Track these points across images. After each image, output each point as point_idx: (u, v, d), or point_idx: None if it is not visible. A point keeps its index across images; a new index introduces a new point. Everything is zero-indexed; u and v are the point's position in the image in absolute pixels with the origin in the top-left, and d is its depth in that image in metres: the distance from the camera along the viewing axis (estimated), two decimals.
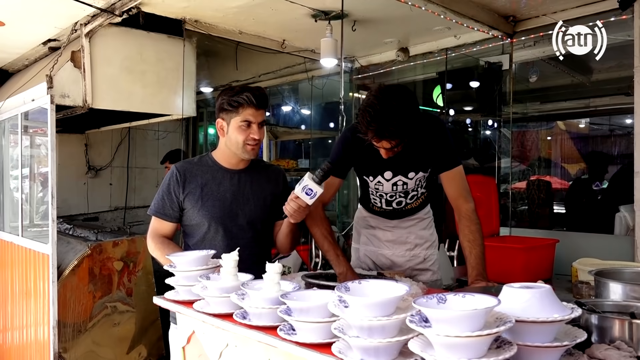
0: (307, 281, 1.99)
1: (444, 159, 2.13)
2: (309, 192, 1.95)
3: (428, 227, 2.45)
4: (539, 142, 6.81)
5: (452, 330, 1.03)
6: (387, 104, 1.83)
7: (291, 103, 6.34)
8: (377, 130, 1.84)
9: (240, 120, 2.09)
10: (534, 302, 1.17)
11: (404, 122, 1.83)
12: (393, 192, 2.24)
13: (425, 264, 2.41)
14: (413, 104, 1.91)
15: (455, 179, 2.13)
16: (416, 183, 2.22)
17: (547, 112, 5.97)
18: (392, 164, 2.13)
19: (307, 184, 1.94)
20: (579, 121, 6.90)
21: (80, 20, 3.54)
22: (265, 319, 1.47)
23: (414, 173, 2.18)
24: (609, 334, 1.22)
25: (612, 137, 7.35)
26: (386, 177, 2.18)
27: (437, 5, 3.21)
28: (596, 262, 2.87)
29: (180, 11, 3.64)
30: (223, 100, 2.13)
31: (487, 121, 5.35)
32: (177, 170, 2.20)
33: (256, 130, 2.11)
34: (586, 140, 7.21)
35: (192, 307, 1.69)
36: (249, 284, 1.57)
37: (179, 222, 2.24)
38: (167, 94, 3.92)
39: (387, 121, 1.81)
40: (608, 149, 7.48)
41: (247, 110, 2.08)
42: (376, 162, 2.13)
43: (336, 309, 1.24)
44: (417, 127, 1.90)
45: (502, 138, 4.68)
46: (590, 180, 5.90)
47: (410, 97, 1.92)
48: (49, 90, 3.32)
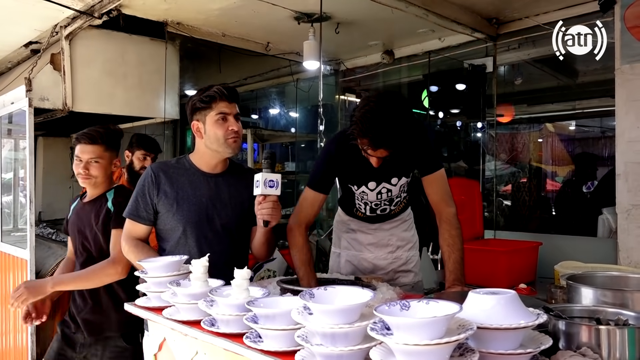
0: (282, 286, 1.96)
1: (425, 162, 2.11)
2: (272, 184, 1.91)
3: (409, 228, 2.44)
4: (529, 144, 6.83)
5: (412, 339, 1.01)
6: (386, 113, 1.78)
7: (277, 106, 6.31)
8: (374, 138, 1.80)
9: (215, 114, 2.05)
10: (499, 309, 1.15)
11: (403, 131, 1.80)
12: (378, 201, 2.22)
13: (408, 266, 2.39)
14: (409, 112, 1.89)
15: (437, 182, 2.10)
16: (400, 189, 2.20)
17: (533, 115, 5.97)
18: (375, 173, 2.09)
19: (266, 177, 1.89)
20: (568, 123, 6.91)
21: (60, 23, 3.51)
22: (233, 327, 1.44)
23: (396, 179, 2.15)
24: (575, 340, 1.20)
25: (603, 139, 7.38)
26: (370, 187, 2.16)
27: (418, 8, 3.20)
28: (578, 264, 2.86)
29: (161, 13, 3.61)
30: (194, 101, 2.10)
31: (476, 123, 5.34)
32: (152, 172, 2.15)
33: (234, 122, 2.07)
34: (574, 142, 7.22)
35: (161, 314, 1.66)
36: (217, 290, 1.54)
37: (153, 225, 2.20)
38: (150, 97, 3.89)
39: (387, 130, 1.78)
40: (597, 150, 7.51)
41: (220, 103, 2.06)
42: (360, 172, 2.10)
43: (299, 317, 1.22)
44: (412, 135, 1.86)
45: (489, 140, 4.68)
46: (579, 182, 5.91)
47: (406, 104, 1.91)
48: (28, 93, 3.28)
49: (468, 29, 3.65)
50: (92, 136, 2.38)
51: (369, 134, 1.80)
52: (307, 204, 2.14)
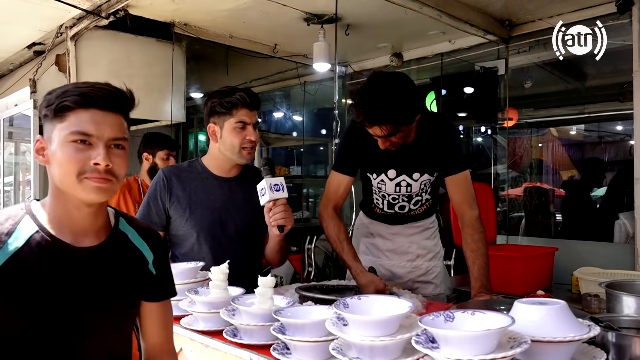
0: (301, 294, 1.88)
1: (450, 161, 2.03)
2: (278, 187, 1.88)
3: (432, 237, 2.32)
4: (531, 149, 6.78)
5: (464, 353, 0.94)
6: (378, 87, 1.78)
7: (283, 109, 6.25)
8: (367, 112, 1.78)
9: (234, 122, 1.99)
10: (549, 320, 1.09)
11: (395, 105, 1.76)
12: (396, 195, 2.14)
13: (428, 277, 2.28)
14: (406, 88, 1.83)
15: (461, 184, 2.02)
16: (421, 187, 2.12)
17: (541, 119, 5.92)
18: (396, 162, 2.05)
19: (270, 182, 1.87)
20: (571, 128, 6.87)
21: (66, 23, 3.45)
22: (257, 337, 1.38)
23: (418, 174, 2.08)
24: (628, 353, 1.13)
25: (602, 144, 7.34)
26: (389, 176, 2.09)
27: (432, 9, 3.14)
28: (597, 271, 2.78)
29: (169, 14, 3.54)
30: (214, 103, 2.03)
31: (480, 127, 5.28)
32: (164, 176, 2.09)
33: (252, 132, 2.01)
34: (579, 146, 7.18)
35: (179, 324, 1.58)
36: (239, 299, 1.47)
37: (165, 231, 2.13)
38: (156, 99, 3.83)
39: (377, 103, 1.75)
40: (599, 155, 7.47)
41: (241, 110, 1.99)
42: (380, 158, 2.05)
43: (334, 328, 1.15)
44: (411, 113, 1.82)
45: (498, 144, 4.62)
46: (587, 187, 5.86)
47: (405, 81, 1.85)
48: (32, 95, 3.21)
49: (481, 31, 3.60)
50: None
51: (361, 108, 1.78)
52: (331, 187, 2.12)
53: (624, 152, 7.44)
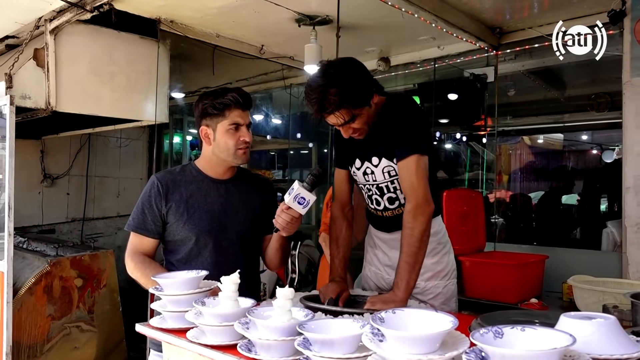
0: (306, 305, 1.79)
1: (397, 144, 1.83)
2: (302, 201, 1.83)
3: (430, 255, 2.01)
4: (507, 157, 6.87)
5: None
6: (326, 75, 1.74)
7: (267, 111, 6.14)
8: (319, 102, 1.73)
9: (228, 124, 1.95)
10: (599, 336, 1.04)
11: (345, 88, 1.71)
12: (370, 185, 2.01)
13: (425, 296, 2.06)
14: (355, 70, 1.78)
15: (402, 170, 1.82)
16: (384, 176, 1.95)
17: (520, 127, 6.00)
18: (358, 150, 1.98)
19: (299, 192, 1.82)
20: (557, 135, 6.99)
21: (45, 16, 3.26)
22: (275, 352, 1.29)
23: (377, 159, 1.94)
24: None
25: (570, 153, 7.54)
26: (357, 166, 2.02)
27: (429, 14, 3.11)
28: (589, 278, 2.80)
29: (155, 10, 3.40)
30: (205, 105, 1.97)
31: (463, 134, 5.30)
32: (158, 181, 2.01)
33: (246, 132, 1.98)
34: (554, 154, 7.32)
35: (184, 337, 1.47)
36: (254, 311, 1.38)
37: (160, 239, 2.02)
38: (138, 99, 3.67)
39: (327, 89, 1.71)
40: (572, 164, 7.66)
41: (234, 112, 1.95)
42: (349, 149, 2.01)
43: (372, 344, 1.07)
44: (363, 95, 1.76)
45: (485, 151, 4.63)
46: (559, 194, 5.98)
47: (353, 64, 1.80)
48: (8, 91, 3.02)
49: (473, 37, 3.59)
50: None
51: (311, 99, 1.74)
52: (335, 183, 2.13)
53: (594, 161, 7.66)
